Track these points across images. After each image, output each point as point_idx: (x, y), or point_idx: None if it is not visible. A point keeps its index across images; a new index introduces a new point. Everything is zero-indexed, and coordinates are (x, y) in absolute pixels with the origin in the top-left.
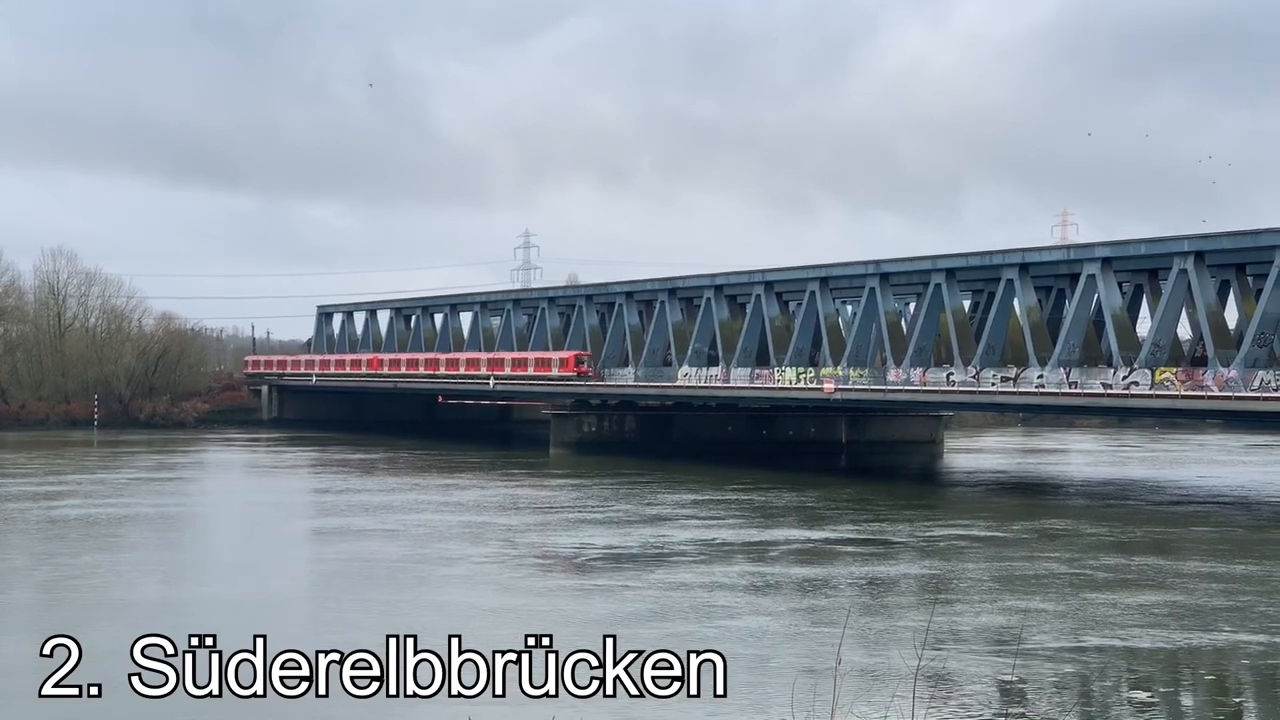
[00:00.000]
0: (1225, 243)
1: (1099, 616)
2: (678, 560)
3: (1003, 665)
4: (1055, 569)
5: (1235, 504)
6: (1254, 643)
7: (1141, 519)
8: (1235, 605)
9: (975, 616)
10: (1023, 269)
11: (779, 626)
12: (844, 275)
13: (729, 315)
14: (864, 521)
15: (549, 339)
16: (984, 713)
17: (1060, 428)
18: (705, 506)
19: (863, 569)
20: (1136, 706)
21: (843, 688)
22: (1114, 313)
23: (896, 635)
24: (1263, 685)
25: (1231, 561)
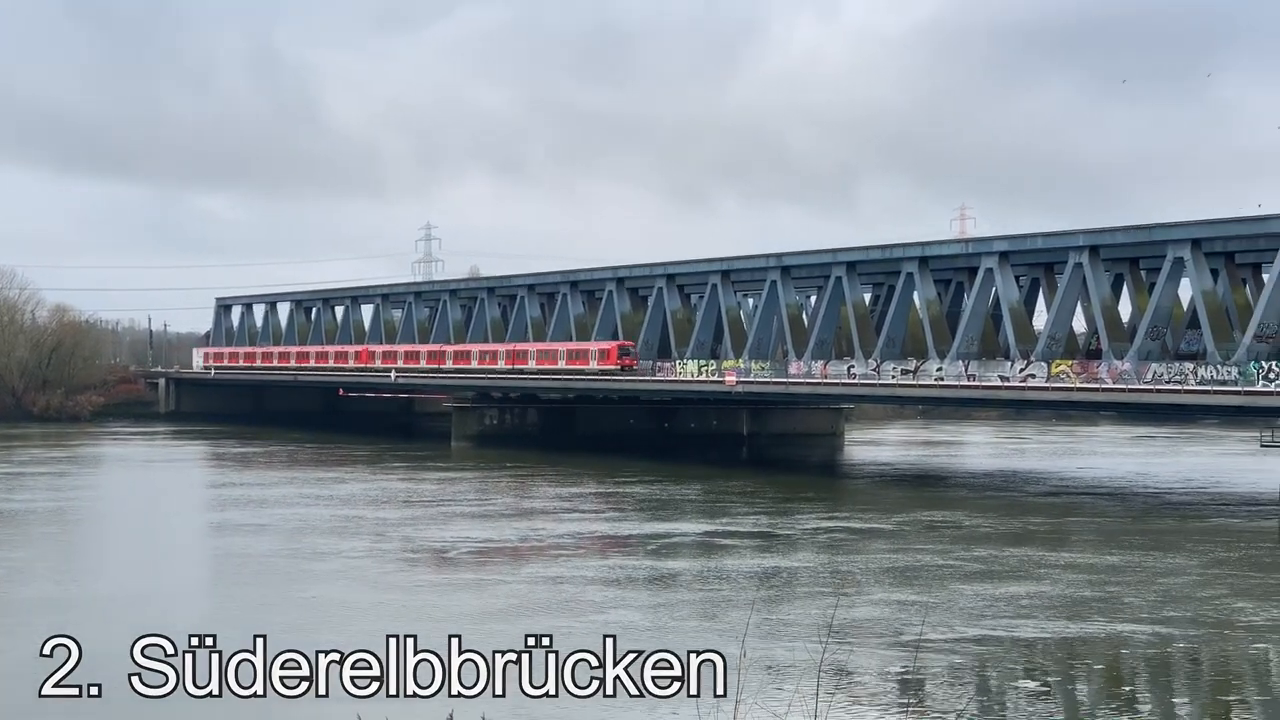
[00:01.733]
0: (1119, 237)
1: (970, 608)
2: (554, 554)
3: (885, 658)
4: (930, 561)
5: (1110, 495)
6: (1124, 632)
7: (1020, 510)
8: (1103, 596)
9: (849, 610)
10: (922, 262)
11: (646, 620)
12: (745, 268)
13: (631, 308)
14: (752, 514)
15: (450, 332)
16: (879, 703)
17: (959, 419)
18: (594, 499)
19: (740, 562)
20: (1028, 696)
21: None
22: (1011, 306)
23: (773, 628)
24: (1137, 674)
25: (1101, 552)
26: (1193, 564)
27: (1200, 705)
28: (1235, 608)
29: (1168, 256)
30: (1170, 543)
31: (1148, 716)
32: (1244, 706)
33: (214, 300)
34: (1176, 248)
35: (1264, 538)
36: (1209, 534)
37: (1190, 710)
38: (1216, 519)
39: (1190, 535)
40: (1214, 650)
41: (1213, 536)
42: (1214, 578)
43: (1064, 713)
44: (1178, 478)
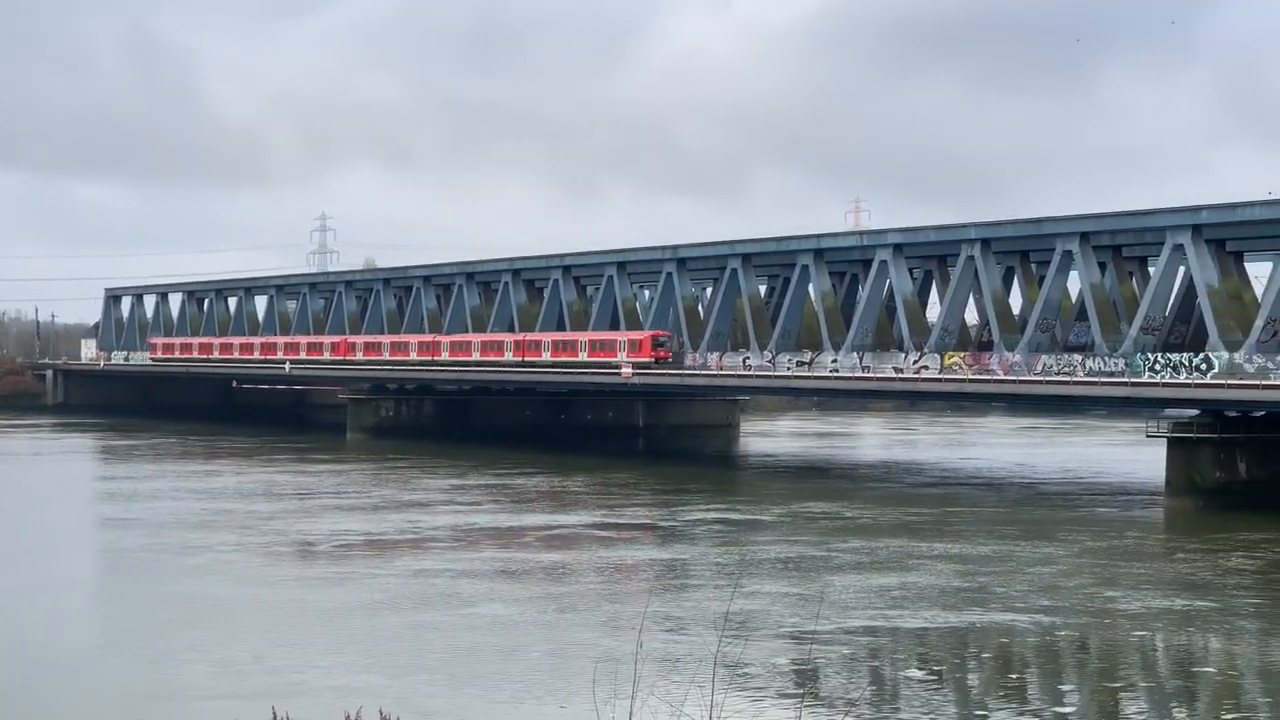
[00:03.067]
0: (1010, 230)
1: (847, 600)
2: (430, 547)
3: (769, 649)
4: (808, 553)
5: (988, 486)
6: (997, 622)
7: (900, 501)
8: (975, 586)
9: (726, 603)
10: (817, 255)
11: (514, 613)
12: (641, 260)
13: (527, 299)
14: (635, 506)
15: (345, 323)
16: (772, 693)
17: (854, 410)
18: (479, 491)
19: (616, 554)
20: (916, 685)
21: (585, 673)
22: (905, 298)
23: (654, 620)
24: (1014, 663)
25: (974, 543)
26: (1063, 553)
27: (1081, 692)
28: (1105, 596)
29: (1057, 250)
30: (1042, 532)
31: (1033, 704)
32: (1118, 692)
33: (103, 291)
34: (1065, 241)
35: (1134, 527)
36: (1081, 524)
37: (1074, 697)
38: (1089, 509)
39: (1062, 525)
40: (1087, 638)
41: (1084, 526)
42: (1082, 567)
43: (952, 701)
44: (1056, 468)
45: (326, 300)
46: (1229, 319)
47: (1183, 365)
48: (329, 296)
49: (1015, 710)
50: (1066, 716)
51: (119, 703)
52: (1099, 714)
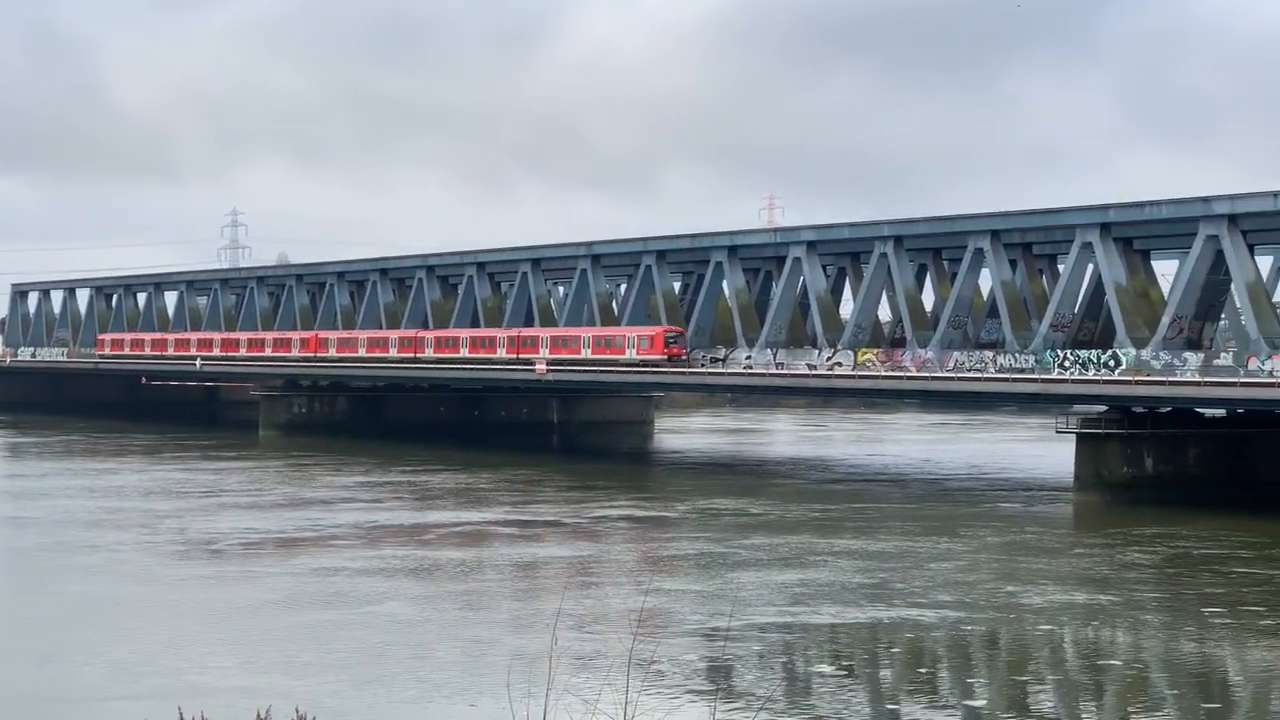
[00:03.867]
0: (923, 228)
1: (749, 597)
2: (330, 545)
3: (673, 647)
4: (711, 549)
5: (893, 481)
6: (897, 619)
7: (804, 497)
8: (875, 582)
9: (628, 600)
10: (731, 251)
11: (413, 611)
12: (556, 257)
13: (441, 296)
14: (541, 503)
15: (258, 319)
16: (684, 690)
17: (768, 407)
18: (386, 488)
19: (519, 550)
20: (827, 681)
21: (491, 671)
22: (819, 295)
23: (536, 619)
24: (919, 658)
25: (876, 539)
26: (965, 549)
27: (988, 686)
28: (1006, 591)
29: (969, 247)
30: (943, 528)
31: (942, 698)
32: (1023, 685)
33: (9, 286)
34: (977, 239)
35: (1035, 522)
36: (982, 519)
37: (982, 691)
38: (991, 504)
39: (968, 521)
40: (990, 633)
41: (985, 521)
42: (985, 562)
43: (862, 697)
44: (962, 464)
45: (238, 296)
46: (1136, 316)
47: (1091, 362)
48: (241, 293)
49: (925, 704)
50: (977, 710)
51: (8, 705)
52: (1008, 707)
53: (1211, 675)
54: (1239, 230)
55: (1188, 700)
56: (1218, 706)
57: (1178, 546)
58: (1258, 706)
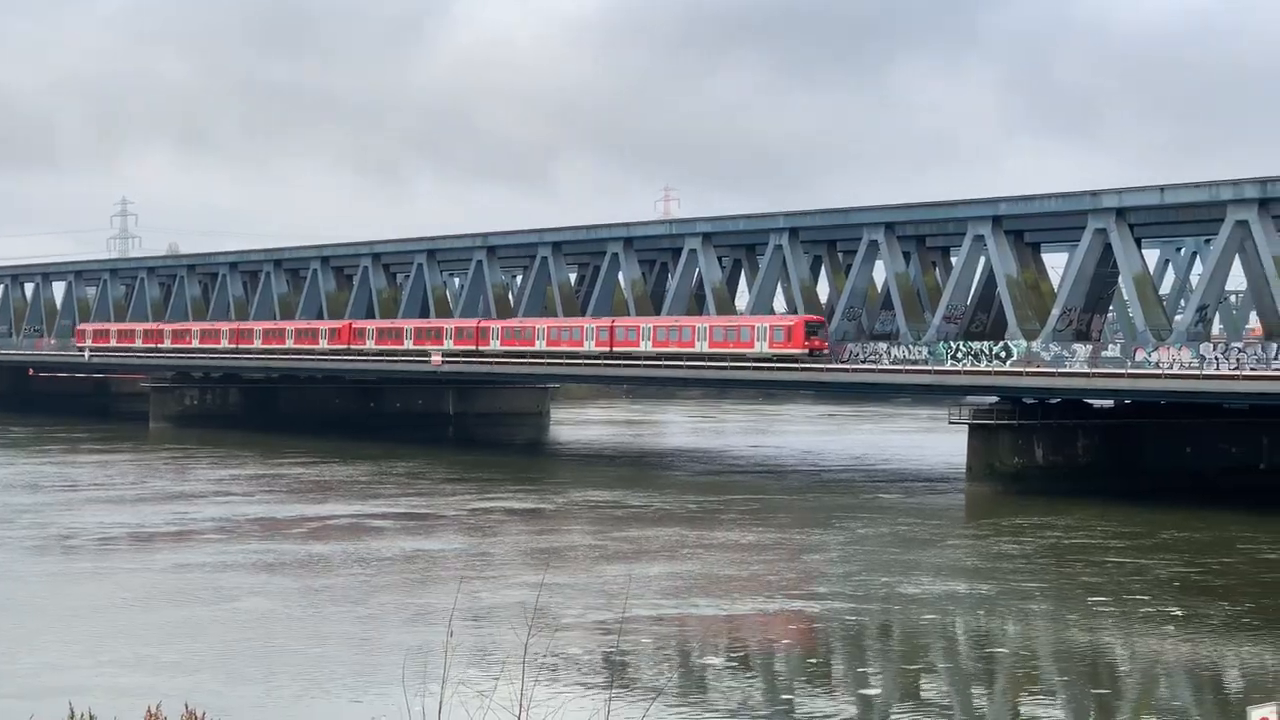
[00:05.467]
0: (817, 220)
1: (618, 590)
2: (198, 539)
3: (554, 640)
4: (583, 542)
5: (773, 472)
6: (769, 610)
7: (684, 489)
8: (748, 575)
9: (496, 594)
10: (627, 243)
11: (279, 607)
12: (451, 248)
13: (336, 287)
14: (424, 495)
15: (149, 310)
16: (572, 681)
17: (663, 398)
18: (262, 481)
19: (389, 543)
20: (714, 673)
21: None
22: (714, 286)
23: (421, 611)
24: (798, 649)
25: (749, 530)
26: (837, 540)
27: (877, 676)
28: (880, 582)
29: (863, 239)
30: (819, 520)
31: (835, 689)
32: (910, 675)
33: None
34: (871, 231)
35: (911, 513)
36: (857, 510)
37: (875, 680)
38: (869, 495)
39: (839, 511)
40: (868, 623)
41: (860, 512)
42: (854, 554)
43: (750, 688)
44: (845, 455)
45: (128, 287)
46: (1027, 308)
47: (983, 353)
48: (130, 283)
49: (816, 695)
50: (870, 699)
51: None
52: (902, 697)
53: (1100, 663)
54: (1126, 224)
55: (1077, 687)
56: (1107, 693)
57: (1063, 536)
58: (1146, 693)
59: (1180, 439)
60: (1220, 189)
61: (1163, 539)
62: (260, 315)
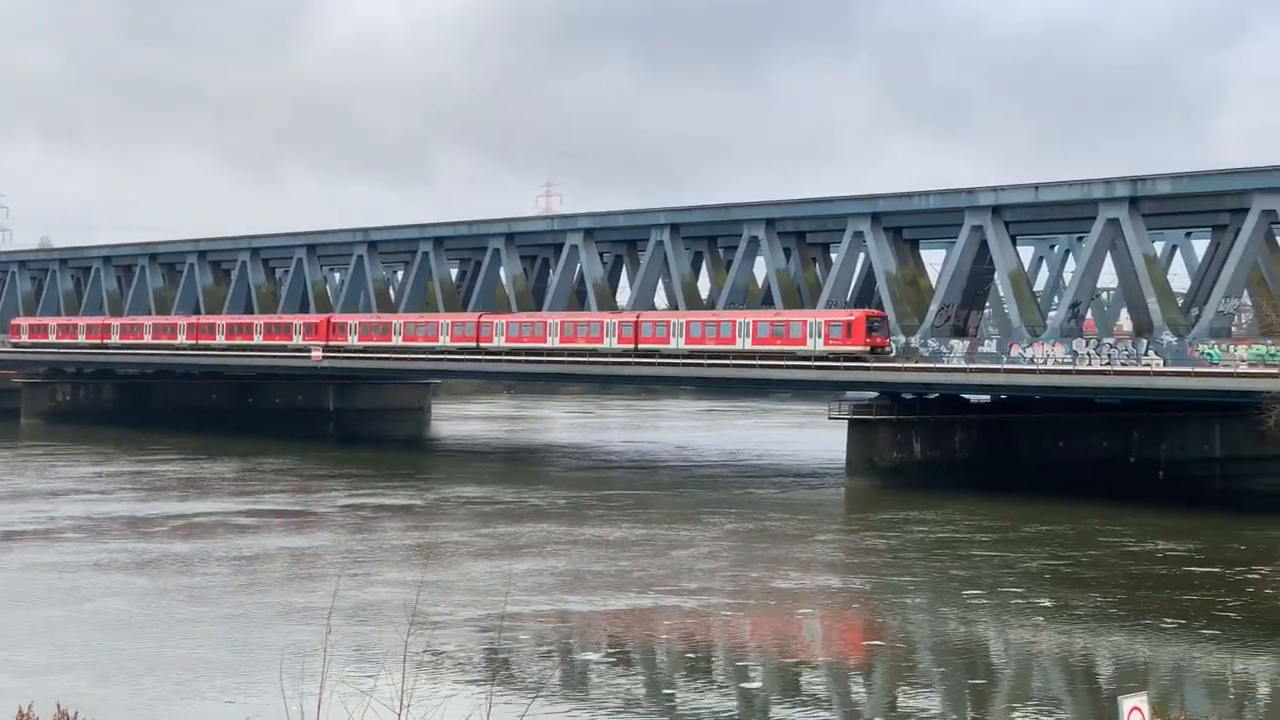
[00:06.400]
0: (698, 216)
1: (485, 586)
2: (57, 538)
3: (423, 637)
4: (454, 538)
5: (645, 468)
6: (641, 605)
7: (556, 484)
8: (617, 571)
9: (370, 589)
10: (508, 239)
11: (136, 608)
12: (331, 242)
13: (213, 282)
14: (294, 491)
15: (20, 305)
16: (459, 679)
17: (546, 393)
18: (129, 478)
19: (255, 541)
20: (592, 668)
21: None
22: (596, 282)
23: (295, 610)
24: (672, 644)
25: (618, 526)
26: (706, 536)
27: (754, 672)
28: (750, 577)
29: (744, 236)
30: (689, 516)
31: (713, 681)
32: (788, 670)
33: None
34: (752, 227)
35: (782, 508)
36: (729, 505)
37: (757, 674)
38: (741, 490)
39: (710, 507)
40: (738, 618)
41: (731, 508)
42: (721, 550)
43: (630, 683)
44: (720, 450)
45: None
46: (906, 304)
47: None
48: (1, 278)
49: (696, 690)
50: (751, 693)
51: None
52: (782, 691)
53: (976, 655)
54: (1002, 221)
55: (954, 679)
56: (983, 683)
57: (932, 530)
58: (1020, 684)
59: (1054, 433)
60: (1092, 188)
61: (1027, 533)
62: (135, 310)
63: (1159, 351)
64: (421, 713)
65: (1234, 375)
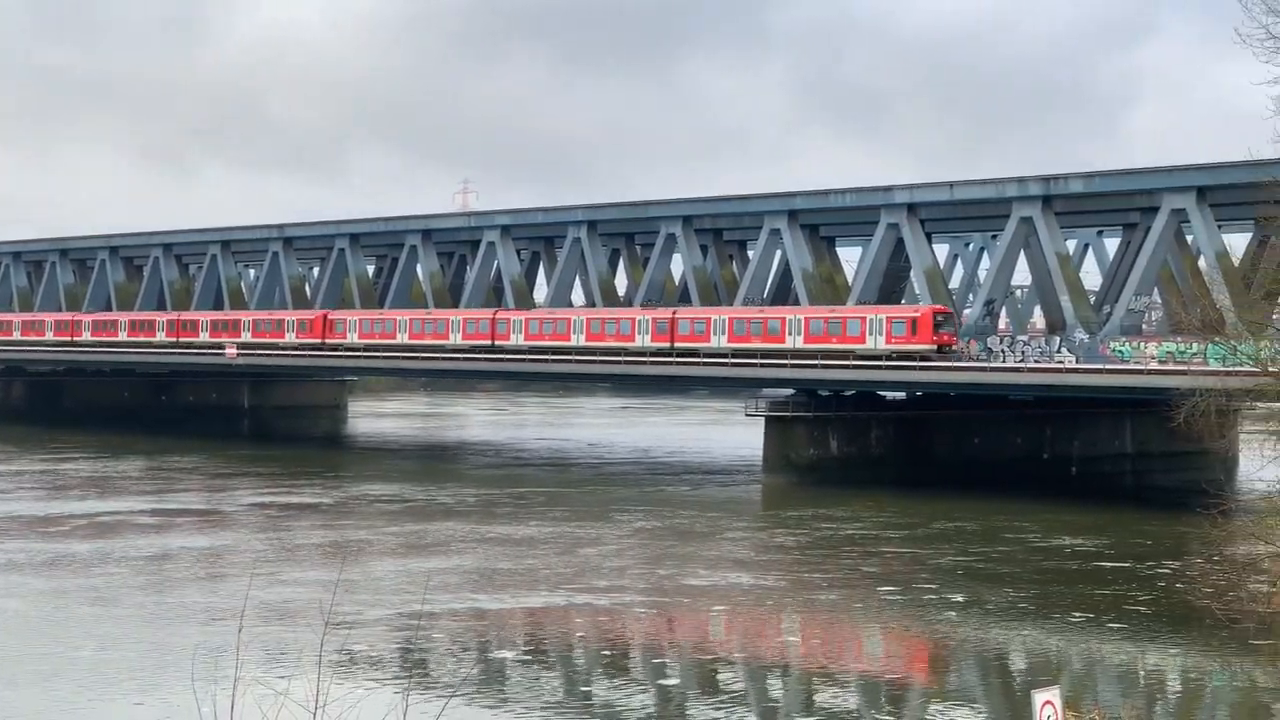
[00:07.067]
0: (615, 213)
1: (388, 585)
2: None
3: (346, 638)
4: (361, 536)
5: (556, 466)
6: (554, 603)
7: (466, 482)
8: (525, 569)
9: (274, 588)
10: (425, 235)
11: (34, 610)
12: (246, 239)
13: (125, 278)
14: (199, 490)
15: None
16: (375, 678)
17: (462, 391)
18: (35, 477)
19: (157, 541)
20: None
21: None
22: (513, 279)
23: (172, 613)
24: (583, 643)
25: (526, 524)
26: (615, 533)
27: (670, 669)
28: (658, 575)
29: (661, 233)
30: (599, 513)
31: (632, 679)
32: (705, 667)
33: None
34: (669, 224)
35: (691, 506)
36: (639, 503)
37: (674, 671)
38: (653, 488)
39: (621, 504)
40: (657, 616)
41: (642, 505)
42: (630, 547)
43: (548, 680)
44: (633, 448)
45: None
46: (822, 301)
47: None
48: None
49: (612, 686)
50: (669, 689)
51: None
52: (699, 687)
53: (889, 651)
54: (918, 219)
55: (869, 675)
56: (898, 678)
57: (841, 527)
58: (935, 678)
59: (969, 430)
60: (1006, 186)
61: (935, 529)
62: (45, 306)
63: (1071, 349)
64: (337, 712)
65: (1144, 372)
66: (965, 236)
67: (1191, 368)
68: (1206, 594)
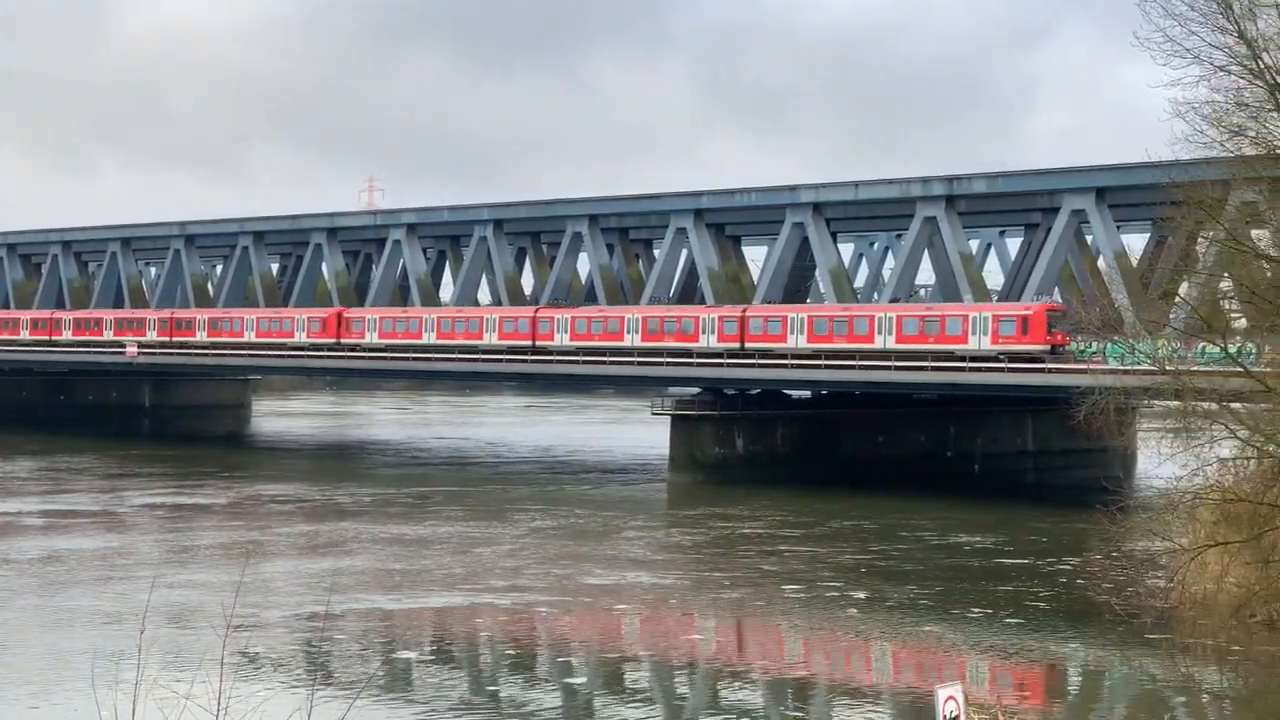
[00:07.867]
0: (522, 211)
1: (280, 586)
2: None
3: (247, 639)
4: (255, 537)
5: (456, 464)
6: (449, 604)
7: (365, 481)
8: (418, 569)
9: (161, 590)
10: (330, 233)
11: None
12: (147, 236)
13: (24, 275)
14: (91, 491)
15: None
16: (277, 680)
17: (368, 389)
18: None
19: (48, 543)
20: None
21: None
22: (419, 277)
23: (85, 614)
24: (490, 642)
25: (421, 524)
26: (512, 533)
27: (576, 669)
28: (554, 574)
29: (567, 231)
30: (495, 513)
31: (537, 678)
32: (612, 665)
33: None
34: (575, 223)
35: (591, 505)
36: (536, 502)
37: (582, 670)
38: (553, 487)
39: (521, 503)
40: (557, 616)
41: (538, 504)
42: (526, 547)
43: (452, 679)
44: (534, 447)
45: None
46: (728, 300)
47: None
48: None
49: (520, 685)
50: (575, 688)
51: None
52: (604, 685)
53: (791, 649)
54: (823, 219)
55: (773, 672)
56: (803, 675)
57: (739, 526)
58: (840, 675)
59: (874, 428)
60: (910, 186)
61: (833, 527)
62: None
63: None
64: (241, 714)
65: (1045, 371)
66: (870, 236)
67: (1091, 366)
68: (1105, 590)
